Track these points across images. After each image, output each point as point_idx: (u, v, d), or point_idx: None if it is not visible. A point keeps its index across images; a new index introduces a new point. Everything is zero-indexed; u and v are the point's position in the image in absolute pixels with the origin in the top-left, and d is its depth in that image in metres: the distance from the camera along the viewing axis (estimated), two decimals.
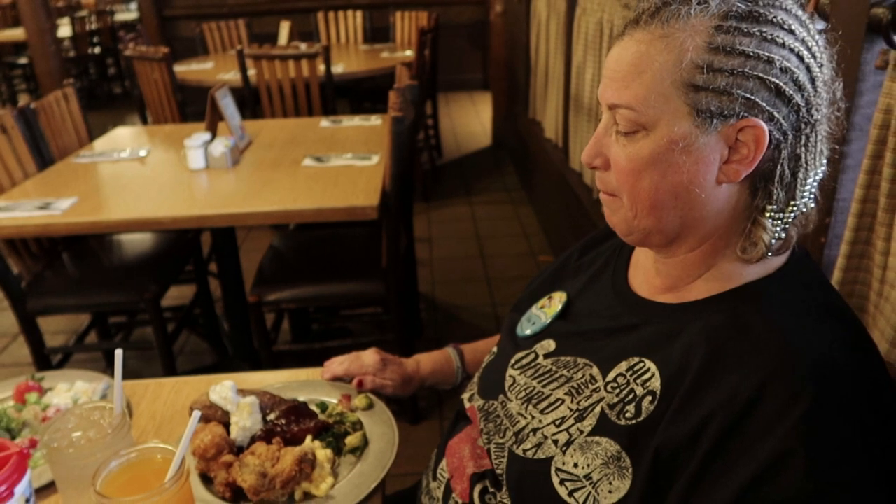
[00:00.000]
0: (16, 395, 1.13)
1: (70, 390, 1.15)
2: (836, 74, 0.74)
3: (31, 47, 5.34)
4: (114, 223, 2.01)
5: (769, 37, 0.69)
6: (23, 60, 7.50)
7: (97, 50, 8.04)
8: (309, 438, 0.99)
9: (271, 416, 1.01)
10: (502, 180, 4.72)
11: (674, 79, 0.70)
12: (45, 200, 2.07)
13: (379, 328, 2.87)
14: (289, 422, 1.00)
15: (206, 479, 0.96)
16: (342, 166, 2.28)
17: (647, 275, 0.87)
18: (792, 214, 0.74)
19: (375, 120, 2.87)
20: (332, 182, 2.14)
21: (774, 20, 0.70)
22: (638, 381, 0.75)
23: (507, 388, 0.91)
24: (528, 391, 0.87)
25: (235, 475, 0.92)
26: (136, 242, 2.56)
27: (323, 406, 1.08)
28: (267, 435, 0.98)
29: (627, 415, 0.74)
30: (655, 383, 0.74)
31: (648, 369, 0.75)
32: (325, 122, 2.89)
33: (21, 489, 0.78)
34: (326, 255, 2.42)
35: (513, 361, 0.93)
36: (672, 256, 0.80)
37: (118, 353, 0.93)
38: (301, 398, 1.08)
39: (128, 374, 0.97)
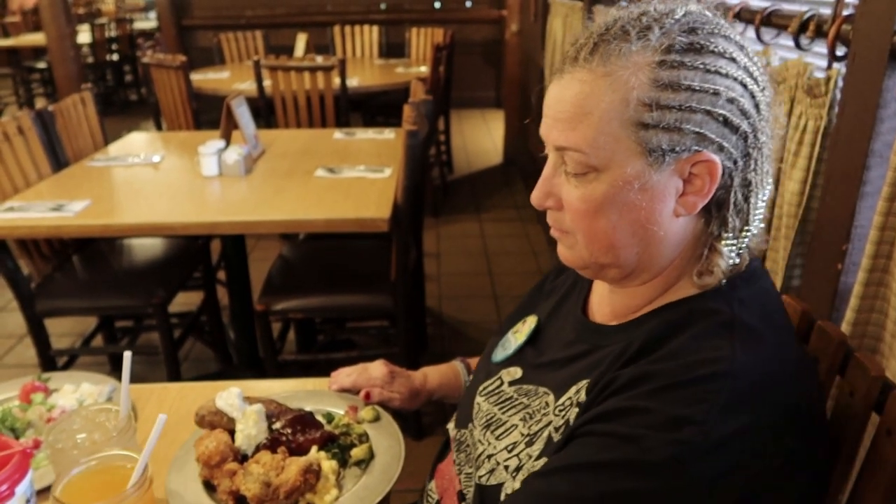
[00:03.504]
0: (21, 395, 1.12)
1: (76, 392, 1.14)
2: (775, 93, 0.75)
3: (50, 52, 5.40)
4: (125, 227, 2.02)
5: (712, 68, 0.68)
6: (42, 65, 7.59)
7: (115, 57, 8.12)
8: (314, 449, 0.98)
9: (277, 425, 1.00)
10: (512, 198, 4.72)
11: (622, 119, 0.69)
12: (59, 202, 2.08)
13: (385, 341, 2.86)
14: (294, 431, 0.99)
15: (210, 487, 0.94)
16: (354, 178, 2.28)
17: (602, 301, 0.86)
18: (746, 239, 0.74)
19: (389, 133, 2.87)
20: (344, 193, 2.14)
21: (716, 50, 0.69)
22: (576, 397, 0.75)
23: (473, 416, 0.90)
24: (488, 418, 0.86)
25: (239, 484, 0.91)
26: (146, 247, 2.56)
27: (329, 417, 1.07)
28: (272, 444, 0.97)
29: (561, 430, 0.74)
30: (583, 394, 0.74)
31: (585, 385, 0.75)
32: (338, 134, 2.90)
33: (22, 489, 0.77)
34: (335, 267, 2.42)
35: (481, 388, 0.92)
36: (627, 287, 0.80)
37: (127, 355, 0.93)
38: (307, 408, 1.07)
39: (133, 379, 0.97)
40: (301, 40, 4.98)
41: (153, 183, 2.32)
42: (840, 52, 1.18)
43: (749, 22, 1.50)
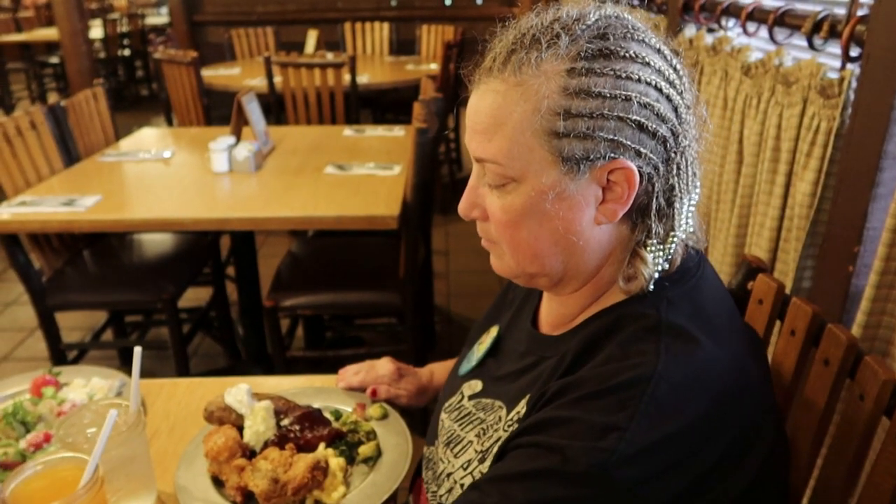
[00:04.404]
0: (32, 388, 1.13)
1: (86, 386, 1.15)
2: (698, 93, 0.73)
3: (63, 47, 5.43)
4: (136, 222, 2.03)
5: (623, 74, 0.67)
6: (54, 60, 7.63)
7: (127, 52, 8.16)
8: (322, 446, 0.98)
9: (285, 422, 1.01)
10: None
11: (534, 128, 0.68)
12: (70, 197, 2.09)
13: (393, 339, 2.87)
14: (303, 428, 0.99)
15: (218, 483, 0.95)
16: (364, 175, 2.28)
17: (545, 311, 0.87)
18: (672, 245, 0.73)
19: (399, 131, 2.88)
20: (354, 190, 2.14)
21: (627, 55, 0.68)
22: (521, 413, 0.75)
23: (438, 433, 0.90)
24: (448, 435, 0.86)
25: (247, 480, 0.91)
26: (156, 242, 2.58)
27: (337, 414, 1.08)
28: (280, 440, 0.98)
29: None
30: (524, 410, 0.74)
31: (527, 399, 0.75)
32: (348, 131, 2.91)
33: None
34: (344, 263, 2.43)
35: (446, 405, 0.91)
36: (560, 294, 0.80)
37: (137, 350, 0.94)
38: (316, 405, 1.08)
39: (142, 374, 0.97)
40: (312, 37, 4.98)
41: (164, 178, 2.33)
42: (854, 52, 1.17)
43: (762, 22, 1.49)
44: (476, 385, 0.88)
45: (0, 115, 5.50)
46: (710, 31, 1.82)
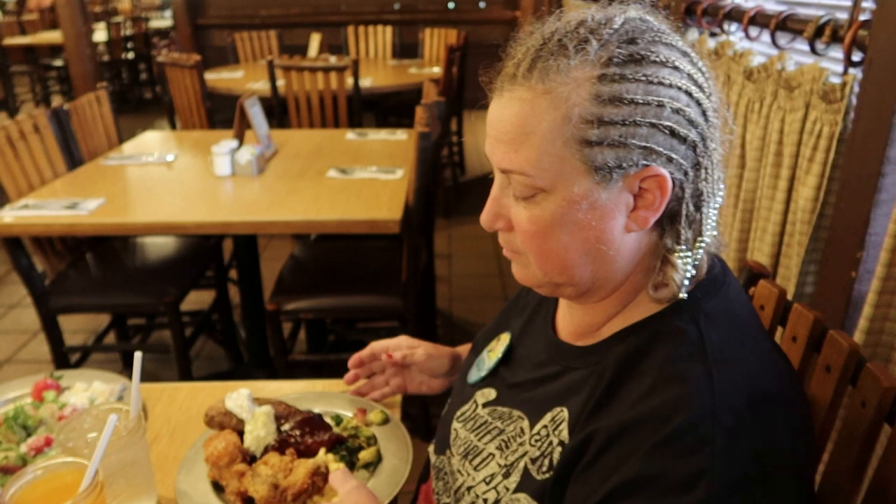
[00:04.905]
0: (34, 392, 1.13)
1: (87, 390, 1.15)
2: (723, 97, 0.72)
3: (67, 50, 5.46)
4: (139, 226, 2.03)
5: (655, 79, 0.65)
6: (58, 63, 7.66)
7: (130, 55, 8.19)
8: (322, 451, 0.98)
9: (286, 427, 1.01)
10: None
11: (565, 137, 0.66)
12: (73, 200, 2.09)
13: None
14: (303, 433, 0.99)
15: (219, 488, 0.95)
16: (366, 179, 2.28)
17: (565, 318, 0.84)
18: (700, 250, 0.71)
19: (401, 134, 2.88)
20: (356, 194, 2.14)
21: (657, 59, 0.66)
22: (555, 432, 0.73)
23: (451, 443, 0.87)
24: (466, 446, 0.84)
25: (247, 485, 0.91)
26: (159, 246, 2.58)
27: (338, 419, 1.08)
28: (280, 445, 0.98)
29: (543, 468, 0.72)
30: (565, 432, 0.72)
31: (564, 418, 0.73)
32: (350, 135, 2.91)
33: None
34: (346, 267, 2.43)
35: (458, 413, 0.89)
36: (586, 304, 0.78)
37: (137, 355, 0.94)
38: (316, 410, 1.08)
39: (144, 377, 0.97)
40: (315, 40, 5.00)
41: (166, 182, 2.33)
42: (856, 57, 1.17)
43: (764, 26, 1.49)
44: (490, 393, 0.86)
45: (4, 118, 5.54)
46: (713, 35, 1.82)
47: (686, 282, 0.71)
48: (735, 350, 0.67)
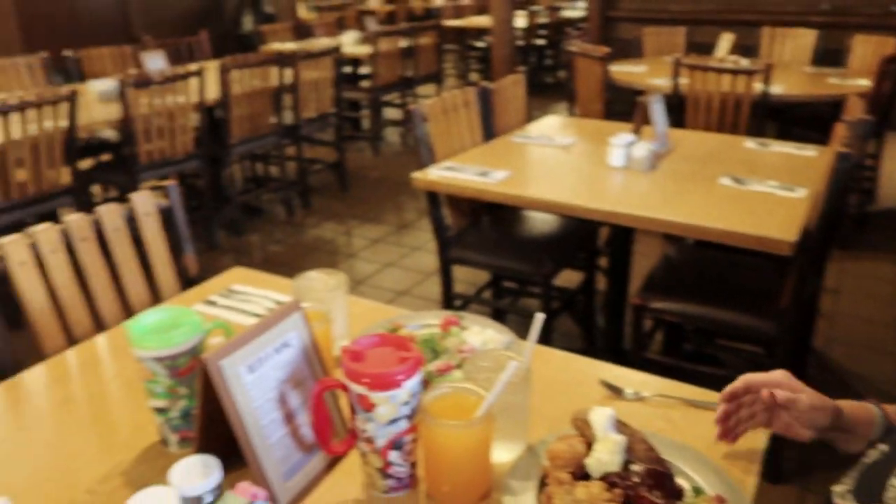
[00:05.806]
0: (443, 324, 1.35)
1: (481, 335, 1.33)
2: None
3: (493, 34, 6.13)
4: (535, 201, 2.23)
5: None
6: (480, 44, 8.66)
7: (542, 42, 8.85)
8: None
9: (633, 467, 0.92)
10: None
11: None
12: (484, 168, 2.39)
13: (756, 370, 2.66)
14: (642, 483, 0.89)
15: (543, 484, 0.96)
16: (762, 192, 2.15)
17: None
18: None
19: (810, 151, 2.63)
20: (748, 207, 2.04)
21: None
22: None
23: (885, 498, 0.79)
24: None
25: (557, 495, 0.88)
26: (543, 221, 2.80)
27: (697, 491, 0.94)
28: (614, 480, 0.90)
29: None
30: None
31: None
32: (750, 143, 2.76)
33: (411, 384, 0.91)
34: (721, 279, 2.34)
35: None
36: None
37: (539, 316, 1.06)
38: (678, 464, 0.98)
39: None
40: (725, 40, 4.80)
41: (563, 165, 2.51)
42: None
43: None
44: None
45: (433, 89, 6.48)
46: None
47: None
48: None
